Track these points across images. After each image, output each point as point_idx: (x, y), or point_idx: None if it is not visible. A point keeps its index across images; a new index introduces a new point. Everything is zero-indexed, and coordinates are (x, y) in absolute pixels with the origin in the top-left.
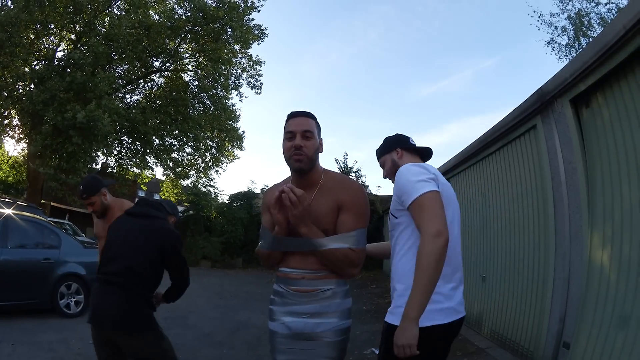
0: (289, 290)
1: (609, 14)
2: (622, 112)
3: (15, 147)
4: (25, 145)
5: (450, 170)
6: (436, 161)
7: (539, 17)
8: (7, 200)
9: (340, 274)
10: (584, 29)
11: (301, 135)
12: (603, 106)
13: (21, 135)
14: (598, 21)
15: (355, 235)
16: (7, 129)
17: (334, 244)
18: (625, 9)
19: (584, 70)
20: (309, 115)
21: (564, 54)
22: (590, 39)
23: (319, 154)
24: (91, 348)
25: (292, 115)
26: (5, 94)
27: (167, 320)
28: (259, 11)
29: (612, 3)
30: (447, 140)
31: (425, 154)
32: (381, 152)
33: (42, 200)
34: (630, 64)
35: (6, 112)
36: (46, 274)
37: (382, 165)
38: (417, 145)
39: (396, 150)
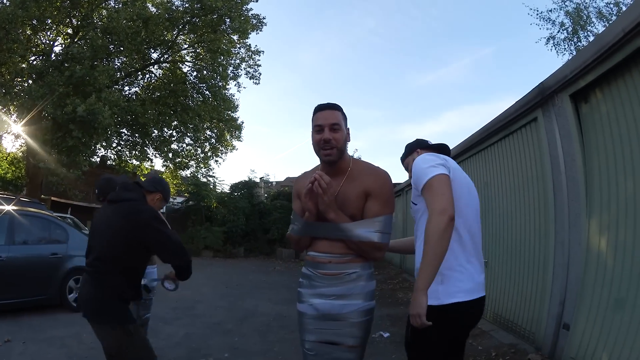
0: (317, 273)
1: (607, 7)
2: (619, 108)
3: (13, 144)
4: (23, 140)
5: (454, 159)
6: None
7: (537, 14)
8: (9, 196)
9: (365, 257)
10: (582, 22)
11: (329, 129)
12: (601, 102)
13: (23, 130)
14: (596, 15)
15: (381, 221)
16: (6, 126)
17: (360, 228)
18: (625, 13)
19: (583, 68)
20: (335, 108)
21: (564, 48)
22: (590, 33)
23: (347, 143)
24: None
25: (320, 109)
26: (4, 90)
27: (176, 310)
28: (256, 1)
29: None
30: (445, 129)
31: (442, 150)
32: (404, 157)
33: (42, 196)
34: (627, 64)
35: (4, 109)
36: (54, 269)
37: (406, 169)
38: (434, 143)
39: (416, 151)
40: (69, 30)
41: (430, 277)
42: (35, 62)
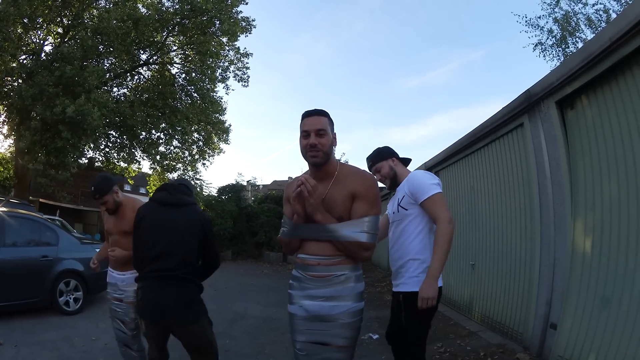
0: (306, 275)
1: (596, 14)
2: (604, 114)
3: (2, 144)
4: (12, 141)
5: (440, 163)
6: (423, 153)
7: (526, 21)
8: None
9: (354, 258)
10: (571, 29)
11: (315, 134)
12: (587, 108)
13: (6, 132)
14: (585, 22)
15: (368, 222)
16: None
17: (347, 229)
18: (612, 23)
19: (569, 76)
20: (321, 114)
21: (552, 53)
22: (579, 40)
23: (334, 147)
24: (95, 345)
25: (306, 115)
26: None
27: None
28: (246, 3)
29: (600, 4)
30: (432, 132)
31: (407, 162)
32: (379, 159)
33: (30, 197)
34: (613, 71)
35: None
36: (45, 271)
37: (376, 170)
38: (402, 157)
39: (392, 159)
40: (60, 30)
41: (441, 269)
42: (25, 62)
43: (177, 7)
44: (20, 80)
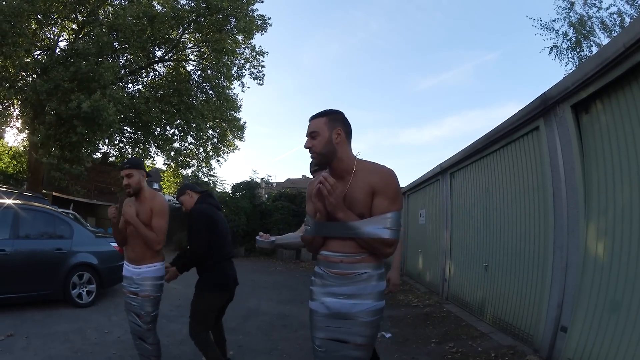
0: (329, 272)
1: (610, 17)
2: (618, 118)
3: (15, 138)
4: (25, 135)
5: (456, 164)
6: (437, 154)
7: (540, 25)
8: (13, 190)
9: (377, 255)
10: (585, 32)
11: (309, 137)
12: (601, 112)
13: (20, 126)
14: (599, 26)
15: (390, 217)
16: (9, 120)
17: (370, 226)
18: (626, 29)
19: (585, 81)
20: (317, 116)
21: (567, 57)
22: (593, 43)
23: (335, 144)
24: (107, 338)
25: (309, 120)
26: (7, 84)
27: (180, 308)
28: (262, 2)
29: (615, 6)
30: (446, 133)
31: None
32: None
33: (43, 190)
34: (627, 77)
35: (8, 103)
36: (58, 264)
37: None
38: None
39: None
40: (74, 26)
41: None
42: (39, 57)
43: (192, 4)
44: (34, 76)
